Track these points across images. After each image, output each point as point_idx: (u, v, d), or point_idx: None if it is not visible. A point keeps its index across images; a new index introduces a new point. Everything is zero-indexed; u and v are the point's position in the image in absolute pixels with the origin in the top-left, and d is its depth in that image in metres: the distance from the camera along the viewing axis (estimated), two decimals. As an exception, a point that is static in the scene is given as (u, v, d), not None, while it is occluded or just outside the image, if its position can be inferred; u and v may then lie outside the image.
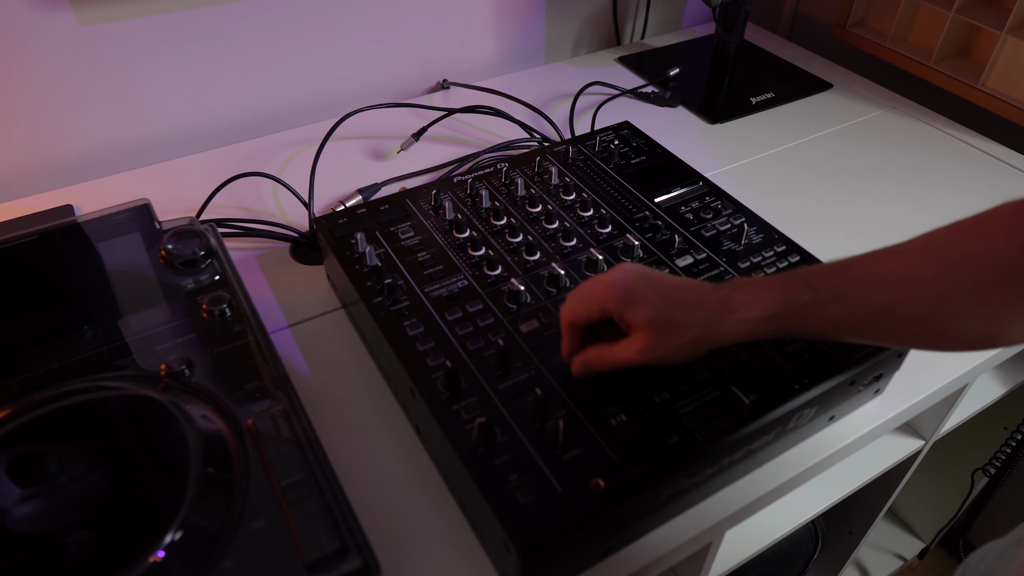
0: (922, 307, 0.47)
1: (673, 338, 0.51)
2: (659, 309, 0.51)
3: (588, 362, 0.54)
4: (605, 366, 0.54)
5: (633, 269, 0.53)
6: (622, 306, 0.51)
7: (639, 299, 0.51)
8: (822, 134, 1.01)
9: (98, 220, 0.68)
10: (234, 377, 0.55)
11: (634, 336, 0.52)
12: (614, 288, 0.52)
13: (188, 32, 0.90)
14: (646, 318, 0.51)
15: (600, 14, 1.22)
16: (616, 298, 0.52)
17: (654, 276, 0.53)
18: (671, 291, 0.52)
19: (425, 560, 0.53)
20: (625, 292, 0.51)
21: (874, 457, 0.86)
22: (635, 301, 0.51)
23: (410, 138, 0.96)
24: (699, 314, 0.51)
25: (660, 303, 0.51)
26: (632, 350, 0.52)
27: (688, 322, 0.51)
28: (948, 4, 0.99)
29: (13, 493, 0.47)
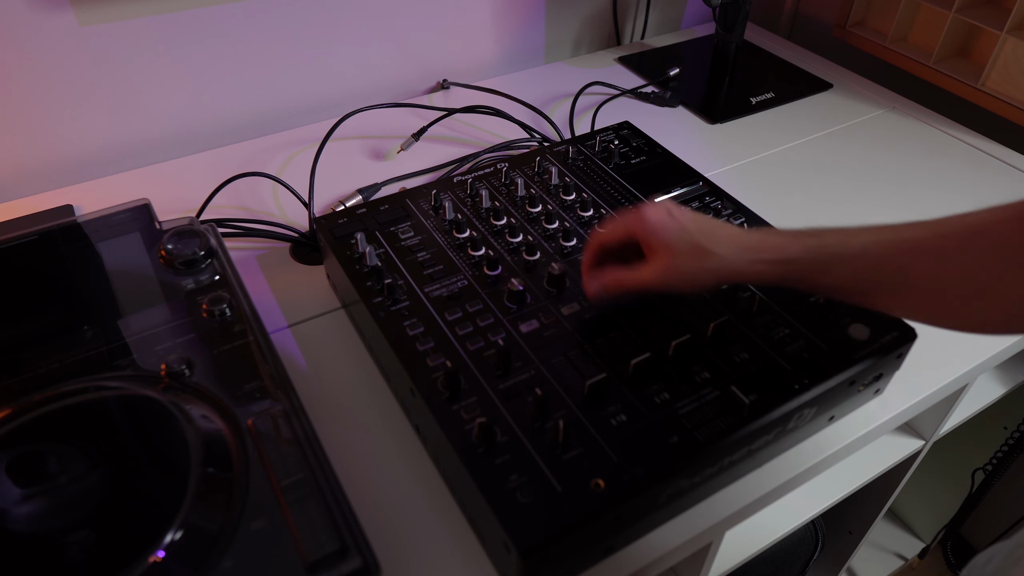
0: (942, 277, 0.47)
1: (696, 263, 0.53)
2: (689, 233, 0.53)
3: (605, 284, 0.57)
4: (621, 287, 0.56)
5: (667, 202, 0.56)
6: (651, 230, 0.54)
7: (669, 224, 0.54)
8: (822, 134, 1.01)
9: (98, 220, 0.68)
10: (234, 377, 0.55)
11: (657, 257, 0.54)
12: (647, 213, 0.54)
13: (188, 32, 0.90)
14: (672, 242, 0.53)
15: (600, 14, 1.22)
16: (644, 221, 0.54)
17: (688, 211, 0.56)
18: (705, 223, 0.54)
19: (425, 560, 0.53)
20: (656, 216, 0.54)
21: (874, 457, 0.86)
22: (666, 227, 0.54)
23: (410, 138, 0.96)
24: (729, 248, 0.53)
25: (692, 228, 0.54)
26: (654, 271, 0.54)
27: (714, 251, 0.53)
28: (948, 4, 0.99)
29: (13, 493, 0.47)
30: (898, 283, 0.49)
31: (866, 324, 0.59)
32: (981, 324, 0.49)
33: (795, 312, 0.61)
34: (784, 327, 0.59)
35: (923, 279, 0.48)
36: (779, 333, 0.59)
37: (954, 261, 0.47)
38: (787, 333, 0.59)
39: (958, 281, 0.47)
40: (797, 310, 0.61)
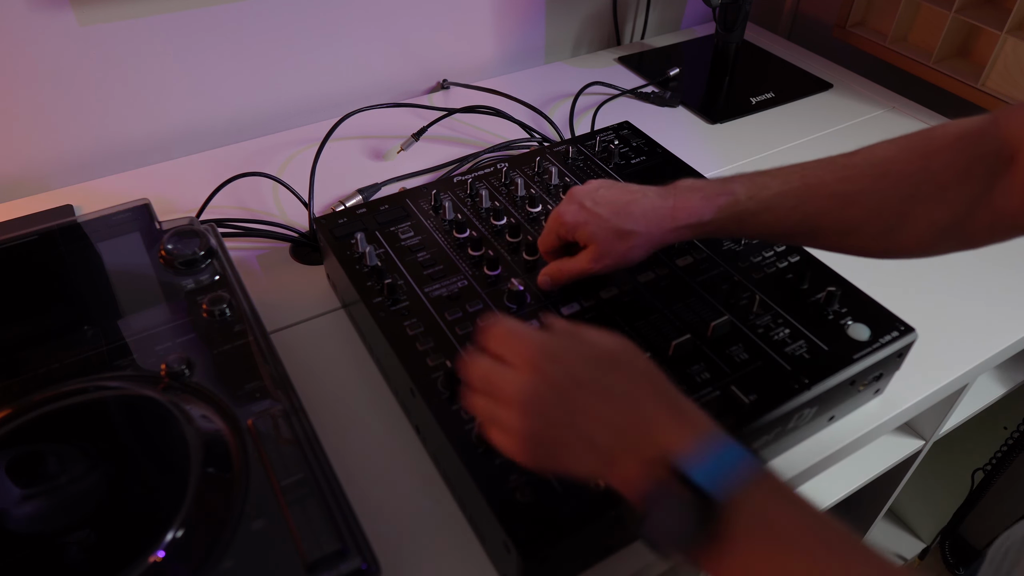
0: (847, 219, 0.52)
1: (622, 245, 0.57)
2: (606, 221, 0.57)
3: (550, 273, 0.61)
4: (563, 275, 0.60)
5: (580, 191, 0.60)
6: (571, 229, 0.58)
7: (587, 218, 0.57)
8: (822, 134, 1.01)
9: (98, 220, 0.68)
10: (234, 377, 0.55)
11: (589, 247, 0.58)
12: (561, 216, 0.59)
13: (188, 32, 0.90)
14: (594, 233, 0.57)
15: (600, 14, 1.22)
16: (564, 224, 0.59)
17: (600, 195, 0.59)
18: (621, 204, 0.57)
19: (425, 560, 0.53)
20: (572, 216, 0.58)
21: (874, 457, 0.86)
22: (583, 222, 0.57)
23: (410, 138, 0.96)
24: (646, 223, 0.56)
25: (606, 214, 0.57)
26: (587, 259, 0.58)
27: (635, 231, 0.56)
28: (948, 4, 0.99)
29: (13, 493, 0.47)
30: (809, 229, 0.54)
31: (866, 324, 0.59)
32: (895, 254, 0.53)
33: (795, 312, 0.61)
34: (784, 327, 0.59)
35: (832, 223, 0.53)
36: (779, 333, 0.59)
37: (859, 204, 0.51)
38: (787, 333, 0.59)
39: (865, 221, 0.51)
40: (797, 310, 0.61)
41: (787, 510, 0.35)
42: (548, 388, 0.40)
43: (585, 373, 0.40)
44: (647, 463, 0.36)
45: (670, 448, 0.36)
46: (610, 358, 0.41)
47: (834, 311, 0.61)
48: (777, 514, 0.34)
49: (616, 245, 0.57)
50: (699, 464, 0.35)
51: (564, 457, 0.40)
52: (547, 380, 0.40)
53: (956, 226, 0.49)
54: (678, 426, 0.37)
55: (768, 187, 0.54)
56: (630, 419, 0.38)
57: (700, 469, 0.34)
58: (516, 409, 0.40)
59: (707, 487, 0.34)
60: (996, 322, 0.72)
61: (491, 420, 0.43)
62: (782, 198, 0.54)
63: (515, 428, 0.41)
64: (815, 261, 0.66)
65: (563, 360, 0.41)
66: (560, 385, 0.40)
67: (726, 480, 0.34)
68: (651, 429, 0.37)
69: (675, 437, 0.37)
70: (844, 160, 0.53)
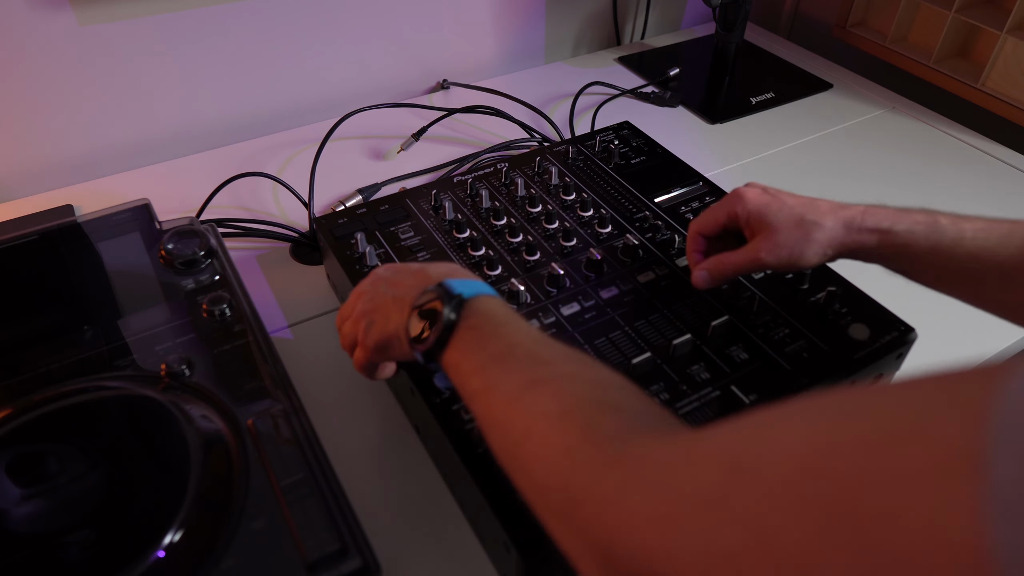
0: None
1: (801, 236, 0.52)
2: (791, 208, 0.53)
3: (709, 268, 0.57)
4: (727, 268, 0.56)
5: (760, 184, 0.56)
6: (751, 211, 0.53)
7: (770, 201, 0.53)
8: (822, 134, 1.01)
9: (98, 220, 0.68)
10: (234, 377, 0.55)
11: (762, 236, 0.53)
12: (743, 196, 0.54)
13: (188, 32, 0.90)
14: (775, 218, 0.53)
15: (600, 14, 1.22)
16: (745, 202, 0.54)
17: (779, 189, 0.55)
18: (803, 197, 0.54)
19: (425, 560, 0.53)
20: (755, 197, 0.54)
21: (874, 457, 0.86)
22: (766, 204, 0.53)
23: (410, 138, 0.96)
24: (833, 219, 0.52)
25: (792, 203, 0.53)
26: (760, 248, 0.53)
27: (820, 223, 0.52)
28: (948, 4, 0.99)
29: (13, 493, 0.47)
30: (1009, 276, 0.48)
31: (866, 324, 0.59)
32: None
33: (795, 312, 0.61)
34: (784, 327, 0.59)
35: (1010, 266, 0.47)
36: (779, 333, 0.59)
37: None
38: (787, 333, 0.59)
39: None
40: (797, 310, 0.61)
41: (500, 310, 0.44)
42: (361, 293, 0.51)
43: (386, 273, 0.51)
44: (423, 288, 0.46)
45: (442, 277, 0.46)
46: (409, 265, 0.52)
47: (834, 311, 0.61)
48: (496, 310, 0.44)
49: (796, 236, 0.52)
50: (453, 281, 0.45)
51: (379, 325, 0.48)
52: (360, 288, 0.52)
53: None
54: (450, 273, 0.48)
55: (972, 221, 0.49)
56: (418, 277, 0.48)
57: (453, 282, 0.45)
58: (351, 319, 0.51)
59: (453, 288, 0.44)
60: (996, 322, 0.72)
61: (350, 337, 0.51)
62: (986, 233, 0.48)
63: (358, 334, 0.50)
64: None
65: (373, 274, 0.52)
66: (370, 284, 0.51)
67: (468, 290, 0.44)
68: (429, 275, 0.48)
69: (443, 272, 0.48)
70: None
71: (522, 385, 0.37)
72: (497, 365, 0.40)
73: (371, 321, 0.49)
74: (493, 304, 0.44)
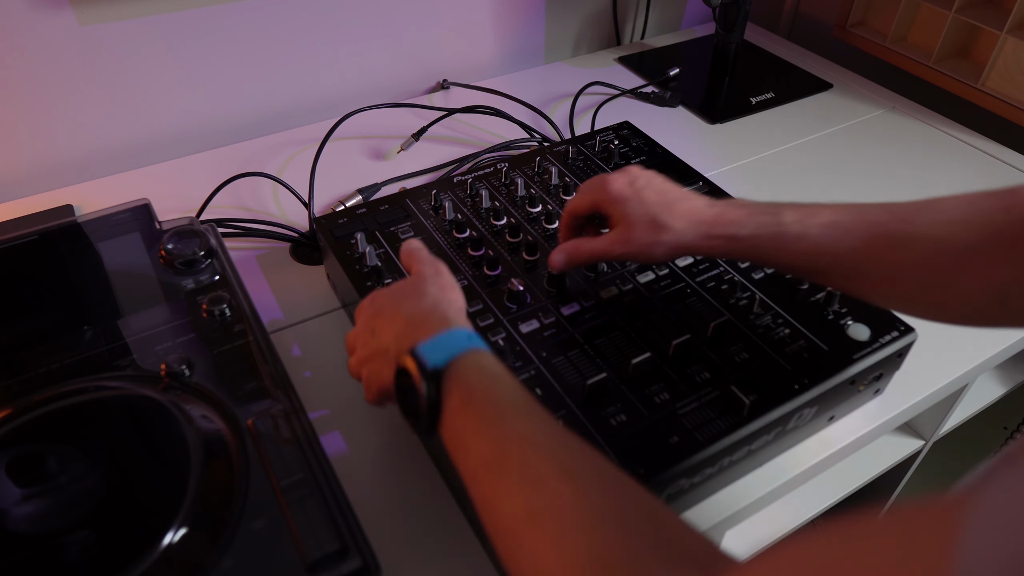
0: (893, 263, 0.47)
1: (650, 236, 0.54)
2: (646, 206, 0.54)
3: (566, 250, 0.59)
4: (581, 254, 0.58)
5: (636, 170, 0.57)
6: (612, 200, 0.55)
7: (631, 196, 0.55)
8: (822, 134, 1.01)
9: (98, 220, 0.68)
10: (234, 377, 0.55)
11: (617, 228, 0.56)
12: (608, 184, 0.56)
13: (188, 32, 0.90)
14: (630, 213, 0.55)
15: (600, 14, 1.22)
16: (608, 192, 0.56)
17: (654, 182, 0.57)
18: (669, 198, 0.55)
19: (425, 560, 0.53)
20: (618, 188, 0.55)
21: (874, 457, 0.86)
22: (626, 198, 0.55)
23: (410, 138, 0.96)
24: (684, 223, 0.54)
25: (650, 200, 0.55)
26: (612, 239, 0.56)
27: (670, 227, 0.54)
28: (948, 4, 0.99)
29: (13, 493, 0.47)
30: (849, 268, 0.49)
31: (866, 324, 0.59)
32: (939, 315, 0.48)
33: (795, 312, 0.61)
34: (784, 327, 0.59)
35: (875, 267, 0.48)
36: (779, 333, 0.59)
37: (911, 248, 0.46)
38: (787, 333, 0.59)
39: (913, 269, 0.46)
40: (797, 310, 0.61)
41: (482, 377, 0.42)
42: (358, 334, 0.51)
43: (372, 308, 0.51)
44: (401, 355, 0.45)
45: (415, 340, 0.45)
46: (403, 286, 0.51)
47: (834, 311, 0.61)
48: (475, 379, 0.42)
49: (646, 234, 0.54)
50: (424, 347, 0.43)
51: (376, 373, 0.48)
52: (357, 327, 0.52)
53: (1016, 292, 0.42)
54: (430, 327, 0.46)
55: (818, 215, 0.50)
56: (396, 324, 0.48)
57: (425, 349, 0.43)
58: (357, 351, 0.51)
59: (426, 359, 0.43)
60: (996, 322, 0.72)
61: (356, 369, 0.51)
62: (829, 228, 0.49)
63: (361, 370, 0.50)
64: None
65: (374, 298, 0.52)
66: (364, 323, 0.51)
67: (442, 355, 0.43)
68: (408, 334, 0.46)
69: (420, 332, 0.46)
70: (909, 204, 0.48)
71: (520, 517, 0.35)
72: (490, 472, 0.38)
73: (369, 371, 0.49)
74: (471, 372, 0.43)
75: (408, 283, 0.51)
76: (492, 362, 0.44)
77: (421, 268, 0.53)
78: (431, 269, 0.52)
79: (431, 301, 0.49)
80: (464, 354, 0.43)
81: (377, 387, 0.49)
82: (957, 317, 0.47)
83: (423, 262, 0.53)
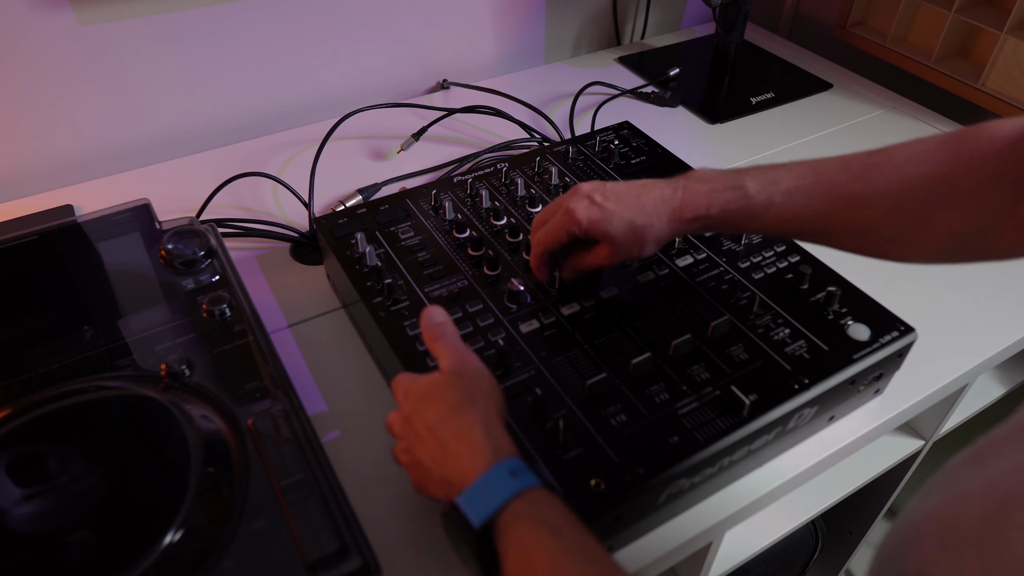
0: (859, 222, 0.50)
1: (635, 240, 0.56)
2: (620, 218, 0.56)
3: (565, 272, 0.61)
4: (580, 270, 0.60)
5: (586, 186, 0.58)
6: (586, 227, 0.57)
7: (600, 215, 0.56)
8: (822, 134, 1.01)
9: (98, 220, 0.68)
10: (234, 377, 0.55)
11: (604, 244, 0.57)
12: (574, 213, 0.57)
13: (188, 32, 0.90)
14: (608, 231, 0.56)
15: (600, 14, 1.22)
16: (578, 222, 0.57)
17: (609, 189, 0.58)
18: (631, 197, 0.56)
19: (425, 560, 0.53)
20: (584, 213, 0.56)
21: (874, 457, 0.86)
22: (596, 219, 0.56)
23: (410, 138, 0.96)
24: (657, 216, 0.56)
25: (620, 210, 0.56)
26: (603, 256, 0.58)
27: (646, 225, 0.56)
28: (948, 4, 0.99)
29: (13, 493, 0.47)
30: (817, 229, 0.53)
31: (866, 324, 0.59)
32: (907, 260, 0.51)
33: (795, 312, 0.61)
34: (784, 327, 0.59)
35: (842, 225, 0.51)
36: (779, 333, 0.59)
37: (873, 207, 0.49)
38: (787, 333, 0.59)
39: (878, 225, 0.50)
40: (797, 310, 0.61)
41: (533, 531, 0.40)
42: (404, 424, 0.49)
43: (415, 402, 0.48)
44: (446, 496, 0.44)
45: (454, 482, 0.43)
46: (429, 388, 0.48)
47: (834, 311, 0.61)
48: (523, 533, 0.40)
49: (631, 241, 0.56)
50: (466, 498, 0.42)
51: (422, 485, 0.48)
52: (401, 412, 0.49)
53: (976, 236, 0.47)
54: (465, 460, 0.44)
55: (779, 182, 0.53)
56: (434, 454, 0.46)
57: (467, 501, 0.42)
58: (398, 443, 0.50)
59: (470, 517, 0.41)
60: (996, 322, 0.72)
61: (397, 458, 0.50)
62: (793, 194, 0.52)
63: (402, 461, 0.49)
64: (815, 261, 0.66)
65: (407, 391, 0.49)
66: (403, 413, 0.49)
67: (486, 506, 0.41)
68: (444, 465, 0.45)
69: (460, 472, 0.44)
70: (864, 159, 0.51)
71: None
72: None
73: (417, 479, 0.48)
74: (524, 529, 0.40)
75: (433, 385, 0.48)
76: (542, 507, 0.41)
77: (444, 363, 0.49)
78: (454, 362, 0.49)
79: (460, 415, 0.45)
80: (513, 502, 0.41)
81: (427, 497, 0.48)
82: (922, 260, 0.51)
83: (446, 351, 0.50)
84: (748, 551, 0.77)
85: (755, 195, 0.53)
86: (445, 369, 0.49)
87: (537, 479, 0.43)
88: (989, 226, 0.46)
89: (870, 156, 0.51)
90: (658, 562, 0.54)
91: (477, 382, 0.48)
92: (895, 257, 0.52)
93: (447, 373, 0.48)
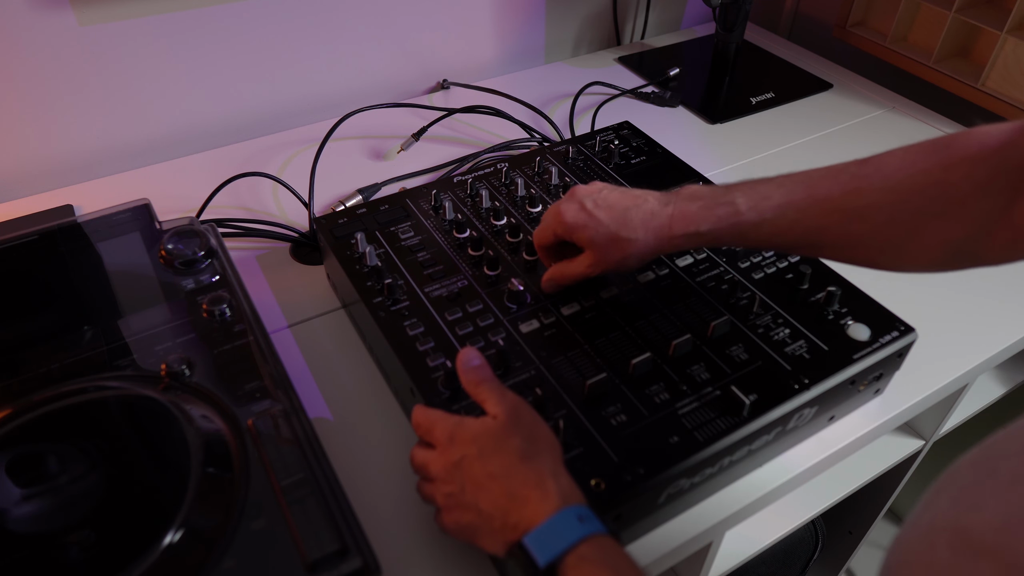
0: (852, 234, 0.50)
1: (618, 252, 0.56)
2: (605, 227, 0.56)
3: (553, 278, 0.61)
4: (565, 279, 0.60)
5: (582, 191, 0.58)
6: (570, 229, 0.57)
7: (586, 221, 0.56)
8: (822, 134, 1.01)
9: (98, 220, 0.68)
10: (234, 377, 0.55)
11: (586, 253, 0.58)
12: (562, 215, 0.57)
13: (188, 32, 0.90)
14: (592, 238, 0.56)
15: (600, 14, 1.22)
16: (563, 224, 0.57)
17: (603, 197, 0.57)
18: (621, 209, 0.56)
19: (425, 560, 0.53)
20: (572, 216, 0.57)
21: (874, 457, 0.86)
22: (582, 225, 0.56)
23: (410, 138, 0.96)
24: (644, 231, 0.55)
25: (606, 220, 0.56)
26: (584, 265, 0.58)
27: (633, 239, 0.55)
28: (948, 4, 0.99)
29: (13, 493, 0.47)
30: (811, 243, 0.52)
31: (866, 324, 0.59)
32: (903, 269, 0.51)
33: (795, 312, 0.61)
34: (784, 327, 0.59)
35: (835, 239, 0.51)
36: (779, 333, 0.59)
37: (866, 219, 0.49)
38: (787, 333, 0.59)
39: (872, 237, 0.49)
40: (797, 310, 0.61)
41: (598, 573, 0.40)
42: (451, 469, 0.47)
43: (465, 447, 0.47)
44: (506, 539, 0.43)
45: (519, 525, 0.43)
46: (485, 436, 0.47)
47: (834, 311, 0.61)
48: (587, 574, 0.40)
49: (613, 251, 0.56)
50: (534, 538, 0.42)
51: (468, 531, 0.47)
52: (445, 457, 0.47)
53: (970, 243, 0.46)
54: (534, 505, 0.43)
55: (770, 198, 0.52)
56: (497, 501, 0.44)
57: (534, 541, 0.42)
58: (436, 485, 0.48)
59: (536, 556, 0.41)
60: (996, 322, 0.72)
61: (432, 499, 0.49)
62: (784, 210, 0.51)
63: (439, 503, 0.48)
64: (815, 261, 0.66)
65: (452, 436, 0.48)
66: (450, 458, 0.47)
67: (554, 548, 0.41)
68: (510, 510, 0.44)
69: (528, 515, 0.43)
70: (854, 169, 0.50)
71: None
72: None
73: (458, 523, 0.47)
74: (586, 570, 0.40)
75: (490, 434, 0.47)
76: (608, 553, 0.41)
77: (496, 409, 0.48)
78: (509, 410, 0.48)
79: (528, 465, 0.45)
80: (580, 545, 0.41)
81: (467, 540, 0.47)
82: (916, 269, 0.50)
83: (495, 397, 0.49)
84: (748, 551, 0.77)
85: (746, 212, 0.52)
86: (500, 416, 0.47)
87: (604, 527, 0.42)
88: (982, 233, 0.46)
89: (860, 167, 0.50)
90: (658, 562, 0.54)
91: (537, 431, 0.47)
92: (889, 267, 0.51)
93: (503, 421, 0.47)
